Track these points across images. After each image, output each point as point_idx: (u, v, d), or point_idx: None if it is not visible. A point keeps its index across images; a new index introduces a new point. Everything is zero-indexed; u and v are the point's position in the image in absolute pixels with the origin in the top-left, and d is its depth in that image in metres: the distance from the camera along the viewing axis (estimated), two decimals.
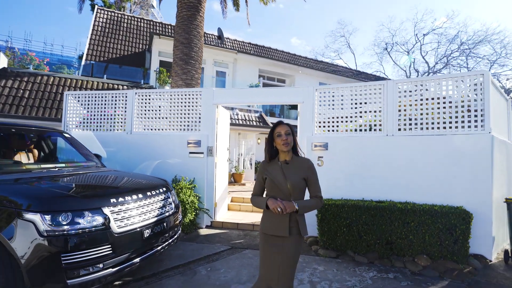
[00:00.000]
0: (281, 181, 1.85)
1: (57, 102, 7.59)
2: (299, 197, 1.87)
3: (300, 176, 1.87)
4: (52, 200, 2.18)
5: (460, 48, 21.62)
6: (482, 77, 4.01)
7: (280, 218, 1.82)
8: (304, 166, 1.92)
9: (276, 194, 1.87)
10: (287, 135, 1.90)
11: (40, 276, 1.99)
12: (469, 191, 3.90)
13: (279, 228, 1.82)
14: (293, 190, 1.84)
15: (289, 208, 1.77)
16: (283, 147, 1.89)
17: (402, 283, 3.07)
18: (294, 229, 1.84)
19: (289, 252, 1.82)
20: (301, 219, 1.87)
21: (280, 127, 1.93)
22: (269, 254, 1.85)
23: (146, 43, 12.29)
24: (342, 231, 3.87)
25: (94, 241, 2.19)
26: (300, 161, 1.95)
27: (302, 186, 1.88)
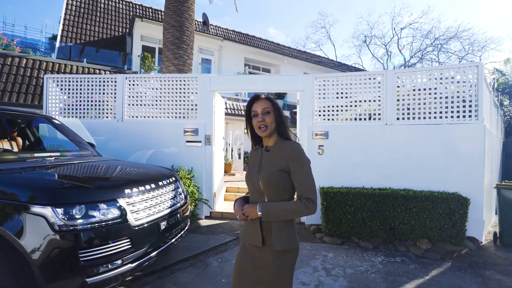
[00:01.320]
0: (253, 175, 1.41)
1: (32, 87, 6.96)
2: (276, 197, 1.36)
3: (276, 167, 1.34)
4: (63, 191, 1.97)
5: (433, 44, 22.63)
6: (477, 69, 4.19)
7: (251, 223, 1.39)
8: (285, 154, 1.36)
9: (250, 192, 1.46)
10: (265, 115, 1.38)
11: (56, 275, 1.81)
12: (463, 177, 4.11)
13: (251, 235, 1.40)
14: (265, 187, 1.36)
15: (249, 213, 1.35)
16: (260, 131, 1.39)
17: (411, 266, 3.20)
18: (269, 238, 1.35)
19: (268, 269, 1.35)
20: (278, 227, 1.35)
21: (256, 104, 1.41)
22: (243, 266, 1.42)
23: (126, 27, 11.54)
24: (347, 218, 3.94)
25: (112, 235, 2.02)
26: (283, 146, 1.39)
27: (279, 182, 1.34)
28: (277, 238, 1.33)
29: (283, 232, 1.35)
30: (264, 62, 14.09)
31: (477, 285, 2.78)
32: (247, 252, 1.43)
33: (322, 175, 4.61)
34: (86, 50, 9.71)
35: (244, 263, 1.42)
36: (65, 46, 9.55)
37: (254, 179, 1.40)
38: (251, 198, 1.46)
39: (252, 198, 1.45)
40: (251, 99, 1.45)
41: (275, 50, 14.08)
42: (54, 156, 3.02)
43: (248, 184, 1.46)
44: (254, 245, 1.39)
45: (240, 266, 1.44)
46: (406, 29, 26.05)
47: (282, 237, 1.34)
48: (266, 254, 1.35)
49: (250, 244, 1.41)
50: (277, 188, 1.35)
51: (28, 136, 3.84)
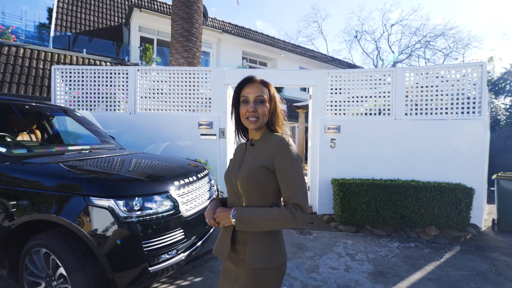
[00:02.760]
0: (232, 173, 1.19)
1: (32, 78, 6.76)
2: (257, 201, 1.11)
3: (258, 164, 1.11)
4: (123, 184, 2.03)
5: (421, 41, 23.29)
6: (481, 68, 4.47)
7: (224, 231, 1.17)
8: (270, 149, 1.11)
9: (228, 193, 1.22)
10: (258, 104, 1.12)
11: (122, 265, 1.88)
12: (466, 169, 4.43)
13: (219, 246, 1.19)
14: (244, 188, 1.11)
15: (220, 219, 1.10)
16: (248, 122, 1.14)
17: (425, 250, 3.47)
18: (243, 253, 1.11)
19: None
20: (254, 239, 1.09)
21: (248, 87, 1.14)
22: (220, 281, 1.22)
23: (122, 17, 11.24)
24: (361, 207, 4.17)
25: (169, 226, 2.11)
26: (269, 140, 1.15)
27: (261, 182, 1.10)
28: (251, 253, 1.08)
29: (262, 245, 1.09)
30: (261, 56, 14.13)
31: (487, 266, 3.07)
32: (225, 270, 1.19)
33: (334, 167, 4.82)
34: (82, 40, 9.42)
35: (222, 285, 1.20)
36: (60, 36, 9.22)
37: (232, 178, 1.16)
38: (229, 201, 1.21)
39: (229, 201, 1.20)
40: (243, 81, 1.16)
41: (273, 44, 14.13)
42: (86, 149, 3.03)
43: (226, 184, 1.21)
44: (229, 260, 1.15)
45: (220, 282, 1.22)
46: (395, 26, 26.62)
47: (258, 252, 1.08)
48: (242, 271, 1.10)
49: (226, 261, 1.17)
50: (258, 190, 1.10)
51: (46, 129, 3.81)
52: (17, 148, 2.42)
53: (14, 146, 2.43)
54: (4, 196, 2.00)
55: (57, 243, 1.86)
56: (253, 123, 1.13)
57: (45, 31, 11.66)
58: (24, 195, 1.96)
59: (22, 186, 1.98)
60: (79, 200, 1.87)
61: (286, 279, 2.73)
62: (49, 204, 1.90)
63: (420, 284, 2.67)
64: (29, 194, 1.95)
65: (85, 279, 1.82)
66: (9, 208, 1.97)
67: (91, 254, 1.89)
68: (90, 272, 1.85)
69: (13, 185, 2.02)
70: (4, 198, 2.00)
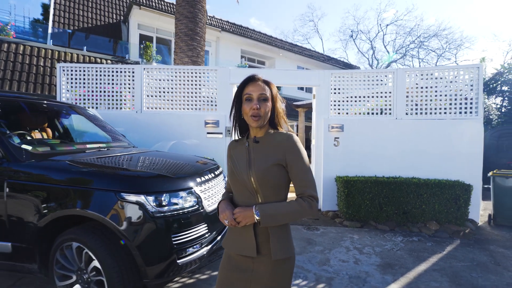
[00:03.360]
0: (243, 171, 1.19)
1: (33, 75, 6.71)
2: (272, 197, 1.16)
3: (271, 161, 1.15)
4: (152, 181, 2.12)
5: (415, 42, 23.74)
6: (478, 70, 4.66)
7: (242, 229, 1.17)
8: (280, 146, 1.17)
9: (238, 191, 1.22)
10: (261, 102, 1.17)
11: (153, 258, 1.96)
12: (464, 167, 4.62)
13: (242, 244, 1.18)
14: (259, 185, 1.15)
15: (242, 218, 1.12)
16: (251, 120, 1.17)
17: (428, 244, 3.64)
18: (265, 246, 1.15)
19: (264, 282, 1.16)
20: (276, 232, 1.16)
21: (251, 86, 1.19)
22: (232, 281, 1.21)
23: (120, 14, 11.16)
24: (365, 204, 4.32)
25: (194, 220, 2.20)
26: (276, 137, 1.21)
27: (275, 178, 1.16)
28: (276, 246, 1.14)
29: (282, 237, 1.16)
30: (260, 55, 14.21)
31: (486, 257, 3.26)
32: (234, 264, 1.20)
33: (337, 165, 4.97)
34: (81, 37, 9.34)
35: (232, 278, 1.20)
36: (58, 32, 9.12)
37: (244, 176, 1.17)
38: (239, 199, 1.21)
39: (239, 199, 1.21)
40: (246, 79, 1.21)
41: (271, 43, 14.22)
42: (104, 147, 3.09)
43: (234, 183, 1.23)
44: (244, 256, 1.17)
45: (227, 281, 1.22)
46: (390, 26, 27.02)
47: (281, 244, 1.15)
48: (261, 265, 1.15)
49: (238, 255, 1.19)
50: (274, 186, 1.16)
51: (58, 127, 3.84)
52: (41, 146, 2.47)
53: (37, 143, 2.47)
54: (35, 192, 2.06)
55: (90, 237, 1.93)
56: (257, 120, 1.16)
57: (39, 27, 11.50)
58: (55, 192, 2.03)
59: (53, 183, 2.05)
60: (111, 196, 1.95)
61: (300, 271, 2.86)
62: (81, 200, 1.98)
63: (426, 275, 2.83)
64: (60, 191, 2.02)
65: (119, 272, 1.90)
66: (41, 205, 2.03)
67: (122, 247, 1.97)
68: (122, 265, 1.93)
69: (44, 182, 2.07)
70: (35, 195, 2.06)
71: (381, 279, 2.74)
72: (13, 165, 2.10)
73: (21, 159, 2.14)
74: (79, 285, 2.06)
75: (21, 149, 2.20)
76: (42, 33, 11.67)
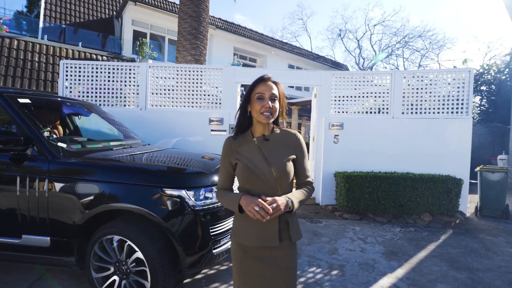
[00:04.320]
0: (262, 167, 1.25)
1: (28, 71, 6.57)
2: (287, 188, 1.29)
3: (287, 157, 1.29)
4: (191, 176, 2.26)
5: (400, 42, 24.53)
6: (469, 73, 5.03)
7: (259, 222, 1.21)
8: (291, 143, 1.33)
9: (256, 186, 1.26)
10: (273, 101, 1.27)
11: (194, 248, 2.11)
12: (454, 162, 4.99)
13: (264, 236, 1.24)
14: (280, 178, 1.25)
15: (277, 208, 1.16)
16: (262, 117, 1.26)
17: (424, 233, 3.96)
18: (285, 232, 1.27)
19: (283, 265, 1.27)
20: (293, 219, 1.30)
21: (263, 85, 1.28)
22: (252, 270, 1.28)
23: (113, 9, 10.95)
24: (364, 197, 4.60)
25: (226, 213, 2.36)
26: (285, 135, 1.35)
27: (291, 171, 1.29)
28: (294, 230, 1.29)
29: (296, 222, 1.33)
30: (252, 52, 14.33)
31: (477, 244, 3.60)
32: (253, 256, 1.27)
33: (336, 161, 5.23)
34: (75, 32, 9.14)
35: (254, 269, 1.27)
36: (50, 27, 8.89)
37: (265, 171, 1.24)
38: (257, 193, 1.23)
39: (259, 194, 1.23)
40: (258, 80, 1.30)
41: (263, 41, 14.35)
42: (127, 144, 3.17)
43: (252, 179, 1.26)
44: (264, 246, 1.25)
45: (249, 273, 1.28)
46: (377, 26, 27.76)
47: (297, 228, 1.32)
48: (280, 250, 1.26)
49: (256, 247, 1.26)
50: (289, 178, 1.28)
51: (68, 124, 3.86)
52: (72, 143, 2.54)
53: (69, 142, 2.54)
54: (76, 189, 2.15)
55: (133, 231, 2.06)
56: (268, 117, 1.26)
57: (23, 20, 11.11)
58: (97, 188, 2.13)
59: (95, 179, 2.14)
60: (154, 190, 2.08)
61: (313, 260, 3.07)
62: (125, 195, 2.09)
63: (427, 260, 3.12)
64: (103, 187, 2.12)
65: (160, 262, 2.03)
66: (83, 201, 2.13)
67: (162, 238, 2.11)
68: (164, 255, 2.06)
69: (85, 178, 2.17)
70: (76, 191, 2.15)
71: (388, 264, 3.00)
72: (52, 163, 2.18)
73: (59, 157, 2.22)
74: (116, 276, 2.18)
75: (58, 147, 2.27)
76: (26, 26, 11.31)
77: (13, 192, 2.21)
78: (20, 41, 6.85)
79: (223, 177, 1.36)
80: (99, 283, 2.18)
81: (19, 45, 6.78)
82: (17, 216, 2.21)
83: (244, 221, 1.27)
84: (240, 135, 1.36)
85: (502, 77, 10.59)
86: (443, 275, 2.80)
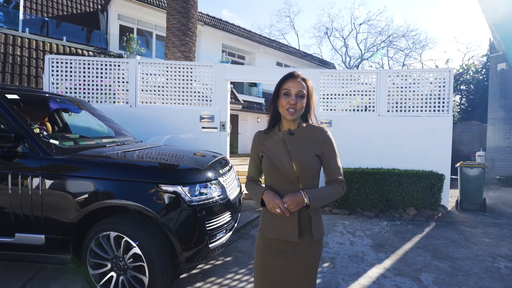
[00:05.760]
0: (284, 161, 1.28)
1: (10, 65, 6.32)
2: (311, 184, 1.30)
3: (311, 152, 1.29)
4: (186, 172, 2.28)
5: (385, 41, 25.14)
6: (449, 73, 5.26)
7: (279, 217, 1.27)
8: (316, 138, 1.32)
9: (278, 180, 1.30)
10: (298, 98, 1.28)
11: (190, 243, 2.14)
12: (437, 159, 5.22)
13: (284, 230, 1.28)
14: (302, 173, 1.27)
15: (295, 204, 1.21)
16: (287, 113, 1.29)
17: (409, 226, 4.14)
18: (307, 228, 1.28)
19: (305, 260, 1.30)
20: (315, 214, 1.30)
21: (291, 82, 1.29)
22: (272, 265, 1.31)
23: (98, 2, 10.63)
24: (353, 193, 4.76)
25: (222, 208, 2.40)
26: (311, 130, 1.35)
27: (315, 167, 1.29)
28: (316, 226, 1.29)
29: (319, 219, 1.31)
30: (240, 49, 14.31)
31: (457, 235, 3.81)
32: (275, 249, 1.31)
33: None
34: (58, 26, 8.83)
35: (274, 262, 1.30)
36: (31, 19, 8.55)
37: (286, 165, 1.27)
38: (279, 187, 1.30)
39: (280, 187, 1.29)
40: (286, 76, 1.32)
41: (251, 38, 14.35)
42: (119, 141, 3.15)
43: (274, 172, 1.30)
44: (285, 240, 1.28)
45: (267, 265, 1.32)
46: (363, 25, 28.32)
47: (320, 225, 1.31)
48: (301, 246, 1.28)
49: (278, 240, 1.29)
50: (312, 174, 1.29)
51: (56, 121, 3.77)
52: (65, 140, 2.50)
53: (61, 138, 2.50)
54: (71, 186, 2.14)
55: (129, 226, 2.07)
56: (292, 114, 1.27)
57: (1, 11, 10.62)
58: (92, 185, 2.12)
59: (90, 176, 2.13)
60: (150, 186, 2.10)
61: None
62: (121, 192, 2.10)
63: (412, 251, 3.28)
64: (98, 183, 2.11)
65: (158, 257, 2.06)
66: (78, 198, 2.11)
67: (159, 234, 2.13)
68: (161, 250, 2.09)
69: (80, 175, 2.16)
70: (70, 188, 2.13)
71: (376, 256, 3.14)
72: (45, 160, 2.15)
73: (52, 154, 2.19)
74: (114, 272, 2.18)
75: (50, 144, 2.24)
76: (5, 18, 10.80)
77: (5, 190, 2.16)
78: (0, 33, 6.58)
79: (252, 169, 1.43)
80: (96, 280, 2.19)
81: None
82: (9, 215, 2.17)
83: (267, 214, 1.33)
84: (272, 128, 1.40)
85: (479, 77, 11.09)
86: (426, 264, 2.96)
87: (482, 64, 11.76)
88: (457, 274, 2.77)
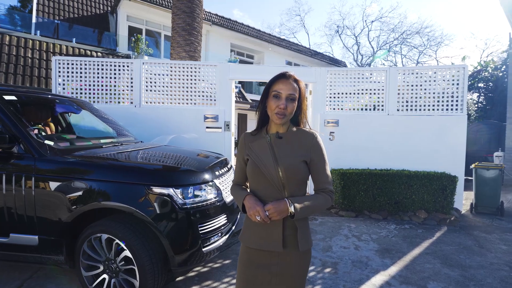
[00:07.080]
0: (269, 166, 1.19)
1: (21, 67, 6.49)
2: (297, 191, 1.21)
3: (299, 157, 1.20)
4: (179, 174, 2.22)
5: (398, 38, 24.47)
6: (463, 70, 5.00)
7: (269, 224, 1.18)
8: (305, 143, 1.23)
9: (262, 186, 1.22)
10: (288, 102, 1.19)
11: (182, 246, 2.08)
12: (449, 159, 4.98)
13: (266, 239, 1.19)
14: (288, 180, 1.19)
15: (277, 213, 1.12)
16: (276, 117, 1.19)
17: (418, 231, 3.95)
18: (293, 238, 1.19)
19: (289, 274, 1.21)
20: (302, 224, 1.21)
21: (282, 83, 1.19)
22: (254, 278, 1.22)
23: (108, 4, 10.81)
24: (360, 195, 4.59)
25: (217, 211, 2.33)
26: (301, 134, 1.25)
27: (302, 174, 1.21)
28: (303, 238, 1.19)
29: (306, 230, 1.22)
30: (249, 49, 14.24)
31: (471, 241, 3.60)
32: (257, 259, 1.22)
33: (332, 158, 5.16)
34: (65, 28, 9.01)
35: (256, 274, 1.22)
36: (43, 22, 8.76)
37: (271, 171, 1.18)
38: (263, 193, 1.22)
39: (264, 193, 1.21)
40: (277, 76, 1.22)
41: (260, 37, 14.25)
42: (117, 142, 3.13)
43: (258, 177, 1.22)
44: (268, 251, 1.19)
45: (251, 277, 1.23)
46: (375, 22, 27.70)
47: (306, 236, 1.21)
48: (286, 257, 1.20)
49: (260, 250, 1.20)
50: (299, 181, 1.21)
51: (60, 122, 3.80)
52: (60, 141, 2.50)
53: (57, 139, 2.50)
54: (64, 187, 2.12)
55: (121, 229, 2.03)
56: (281, 118, 1.19)
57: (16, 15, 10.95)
58: (85, 186, 2.09)
59: (83, 178, 2.11)
60: (142, 189, 2.05)
61: None
62: (112, 194, 2.06)
63: (420, 257, 3.11)
64: (91, 185, 2.08)
65: (149, 261, 2.01)
66: (70, 199, 2.09)
67: (151, 237, 2.08)
68: (152, 254, 2.04)
69: (73, 176, 2.13)
70: (63, 190, 2.11)
71: (381, 262, 2.99)
72: (38, 161, 2.14)
73: (46, 154, 2.18)
74: (106, 274, 2.15)
75: (44, 145, 2.23)
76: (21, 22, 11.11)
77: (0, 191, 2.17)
78: (12, 36, 6.76)
79: (237, 172, 1.35)
80: (89, 282, 2.16)
81: (11, 40, 6.68)
82: (4, 215, 2.17)
83: (249, 222, 1.25)
84: (259, 130, 1.31)
85: (499, 74, 10.58)
86: (435, 272, 2.79)
87: (502, 61, 11.20)
88: (469, 284, 2.59)
